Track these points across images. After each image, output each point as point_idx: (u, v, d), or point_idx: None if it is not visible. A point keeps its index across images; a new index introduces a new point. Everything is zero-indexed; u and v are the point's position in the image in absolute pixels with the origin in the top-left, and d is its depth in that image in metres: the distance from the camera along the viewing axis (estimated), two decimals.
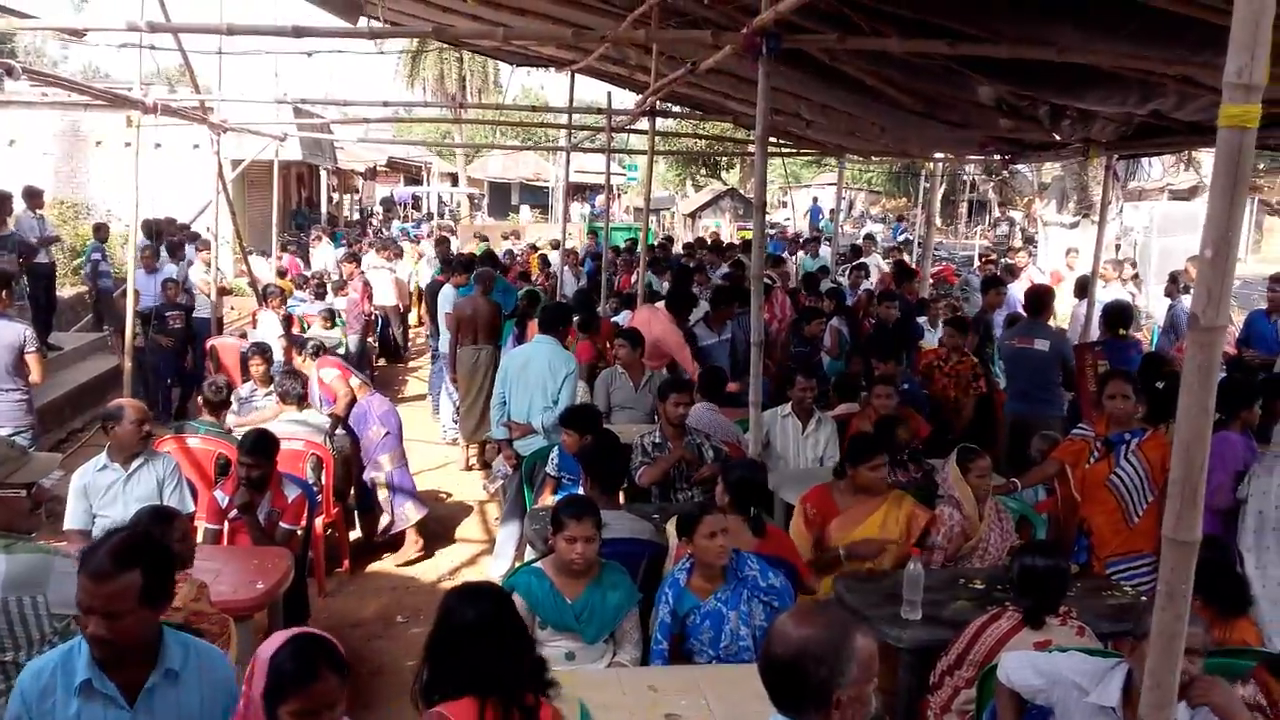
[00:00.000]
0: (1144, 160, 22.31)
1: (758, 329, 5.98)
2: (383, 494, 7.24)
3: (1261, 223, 38.88)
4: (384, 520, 7.34)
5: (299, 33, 5.89)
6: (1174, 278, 11.28)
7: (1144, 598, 4.41)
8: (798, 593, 4.36)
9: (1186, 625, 2.17)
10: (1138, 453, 5.14)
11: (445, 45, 21.63)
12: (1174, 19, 4.51)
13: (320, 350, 8.13)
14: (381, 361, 14.61)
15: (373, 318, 13.38)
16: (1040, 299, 7.98)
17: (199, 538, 5.30)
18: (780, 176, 27.06)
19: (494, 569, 6.76)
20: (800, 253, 17.70)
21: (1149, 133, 8.38)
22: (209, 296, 11.82)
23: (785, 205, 38.76)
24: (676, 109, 15.84)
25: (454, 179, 44.81)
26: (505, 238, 21.47)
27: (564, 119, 14.21)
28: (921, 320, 10.52)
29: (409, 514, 7.21)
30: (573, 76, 12.60)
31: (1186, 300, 10.11)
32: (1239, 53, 1.98)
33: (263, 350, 7.95)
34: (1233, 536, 5.14)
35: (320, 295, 12.69)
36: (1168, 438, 4.92)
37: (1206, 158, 25.13)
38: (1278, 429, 5.42)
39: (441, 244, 16.57)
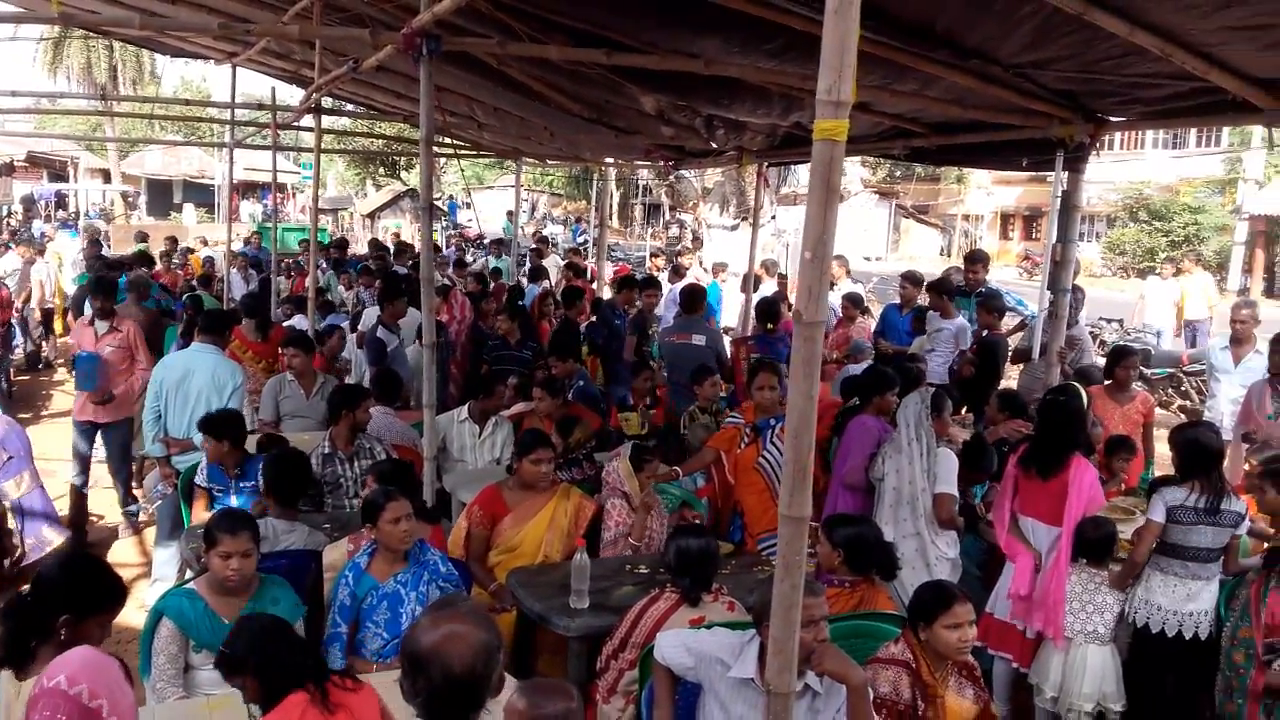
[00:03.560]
0: (795, 167, 24.14)
1: (429, 330, 5.95)
2: (12, 522, 6.54)
3: (899, 224, 43.18)
4: (18, 551, 6.62)
5: None
6: None
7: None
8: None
9: (802, 594, 2.38)
10: (781, 436, 5.55)
11: (89, 32, 19.90)
12: (808, 38, 4.91)
13: None
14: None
15: (6, 325, 12.06)
16: (694, 297, 8.45)
17: None
18: (463, 177, 27.04)
19: (151, 594, 6.29)
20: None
21: (794, 142, 9.09)
22: None
23: (468, 206, 38.68)
24: (350, 107, 15.41)
25: (106, 175, 41.25)
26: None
27: (227, 114, 13.44)
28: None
29: (46, 537, 6.55)
30: (234, 70, 11.97)
31: (830, 298, 11.03)
32: (828, 72, 2.17)
33: None
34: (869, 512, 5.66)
35: None
36: None
37: (849, 165, 27.53)
38: (900, 410, 5.97)
39: (93, 245, 15.22)
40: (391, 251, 15.89)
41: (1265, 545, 4.98)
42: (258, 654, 2.96)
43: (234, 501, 5.27)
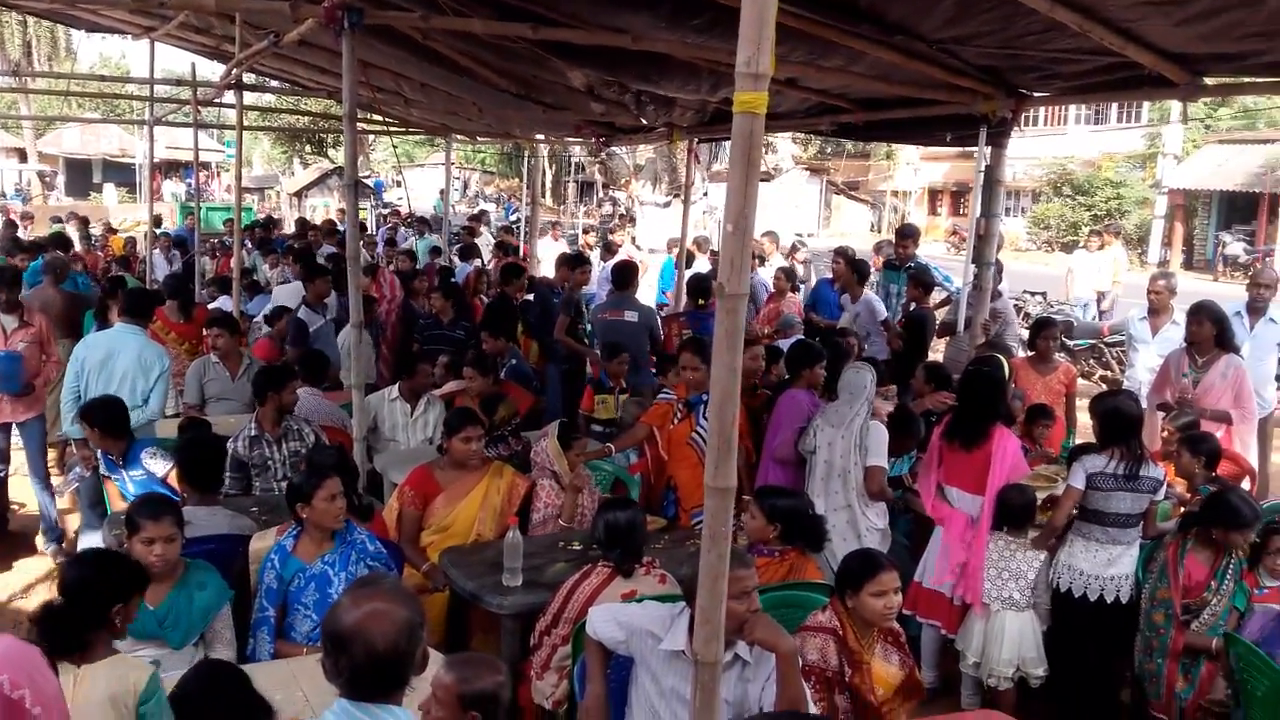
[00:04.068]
0: (726, 144, 24.21)
1: (356, 309, 5.88)
2: None
3: (830, 201, 43.54)
4: None
5: None
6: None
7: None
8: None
9: (734, 567, 2.39)
10: None
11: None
12: (734, 14, 4.89)
13: None
14: None
15: None
16: (626, 273, 8.44)
17: None
18: (395, 155, 26.68)
19: None
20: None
21: (723, 118, 9.04)
22: None
23: (398, 184, 38.14)
24: (275, 83, 15.09)
25: (22, 155, 39.97)
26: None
27: (146, 91, 13.12)
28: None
29: None
30: (152, 45, 11.66)
31: (762, 273, 11.11)
32: (747, 45, 2.17)
33: None
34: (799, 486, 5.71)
35: None
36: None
37: (780, 142, 27.66)
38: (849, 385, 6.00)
39: (9, 227, 14.78)
40: (322, 231, 15.67)
41: (1182, 509, 5.13)
42: (211, 702, 2.91)
43: (130, 489, 5.16)
